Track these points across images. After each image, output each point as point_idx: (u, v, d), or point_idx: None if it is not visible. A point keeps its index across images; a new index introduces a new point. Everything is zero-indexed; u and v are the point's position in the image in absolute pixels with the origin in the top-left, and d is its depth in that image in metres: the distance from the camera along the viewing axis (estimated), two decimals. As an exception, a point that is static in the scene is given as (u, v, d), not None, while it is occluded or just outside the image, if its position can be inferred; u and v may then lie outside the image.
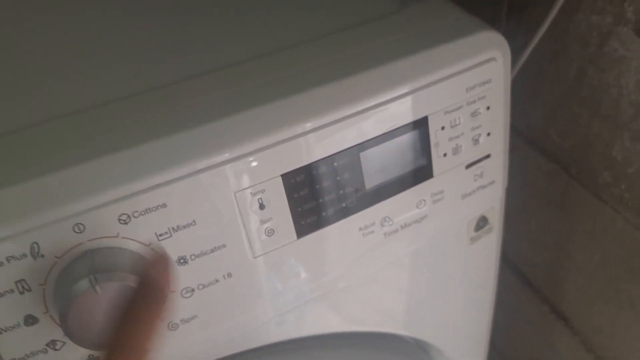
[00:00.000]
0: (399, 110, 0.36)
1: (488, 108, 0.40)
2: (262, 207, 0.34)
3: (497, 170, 0.43)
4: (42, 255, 0.29)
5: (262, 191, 0.34)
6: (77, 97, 0.35)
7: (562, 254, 0.59)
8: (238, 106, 0.34)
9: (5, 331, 0.30)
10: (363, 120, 0.35)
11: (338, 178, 0.36)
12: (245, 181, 0.33)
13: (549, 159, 0.55)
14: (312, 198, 0.36)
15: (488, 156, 0.42)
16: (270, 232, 0.35)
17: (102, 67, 0.39)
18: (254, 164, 0.33)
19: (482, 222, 0.46)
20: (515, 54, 0.49)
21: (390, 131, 0.37)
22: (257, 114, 0.34)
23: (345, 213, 0.37)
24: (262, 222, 0.34)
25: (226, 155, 0.32)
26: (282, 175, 0.34)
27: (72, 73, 0.38)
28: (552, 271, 0.62)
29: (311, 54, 0.38)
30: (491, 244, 0.49)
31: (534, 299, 0.66)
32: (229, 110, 0.33)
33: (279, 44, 0.39)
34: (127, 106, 0.34)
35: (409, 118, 0.37)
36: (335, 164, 0.36)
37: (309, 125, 0.34)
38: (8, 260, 0.29)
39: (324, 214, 0.36)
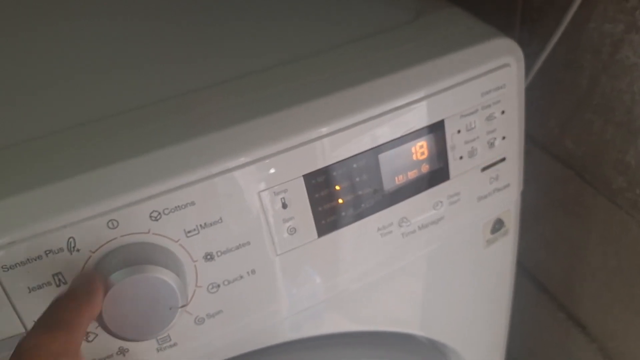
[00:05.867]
0: (416, 114, 0.38)
1: (503, 112, 0.41)
2: (284, 206, 0.35)
3: (512, 173, 0.44)
4: (78, 250, 0.31)
5: (285, 191, 0.35)
6: (107, 103, 0.37)
7: (577, 260, 0.59)
8: (263, 110, 0.35)
9: (42, 322, 0.31)
10: (381, 124, 0.37)
11: (357, 179, 0.37)
12: (269, 181, 0.34)
13: (564, 165, 0.56)
14: (332, 198, 0.37)
15: (503, 159, 0.43)
16: (292, 231, 0.36)
17: (133, 75, 0.40)
18: (277, 164, 0.34)
19: (498, 225, 0.47)
20: (530, 61, 0.50)
21: (408, 134, 0.38)
22: (280, 117, 0.35)
23: (364, 213, 0.38)
24: (285, 220, 0.36)
25: (251, 157, 0.34)
26: (303, 176, 0.35)
27: (105, 80, 0.40)
28: (568, 278, 0.62)
29: (331, 61, 0.40)
30: (507, 247, 0.49)
31: (551, 307, 0.66)
32: (255, 114, 0.35)
33: (300, 53, 0.41)
34: (157, 111, 0.36)
35: (426, 121, 0.38)
36: (354, 165, 0.37)
37: (328, 129, 0.36)
38: (46, 254, 0.30)
39: (343, 213, 0.38)
